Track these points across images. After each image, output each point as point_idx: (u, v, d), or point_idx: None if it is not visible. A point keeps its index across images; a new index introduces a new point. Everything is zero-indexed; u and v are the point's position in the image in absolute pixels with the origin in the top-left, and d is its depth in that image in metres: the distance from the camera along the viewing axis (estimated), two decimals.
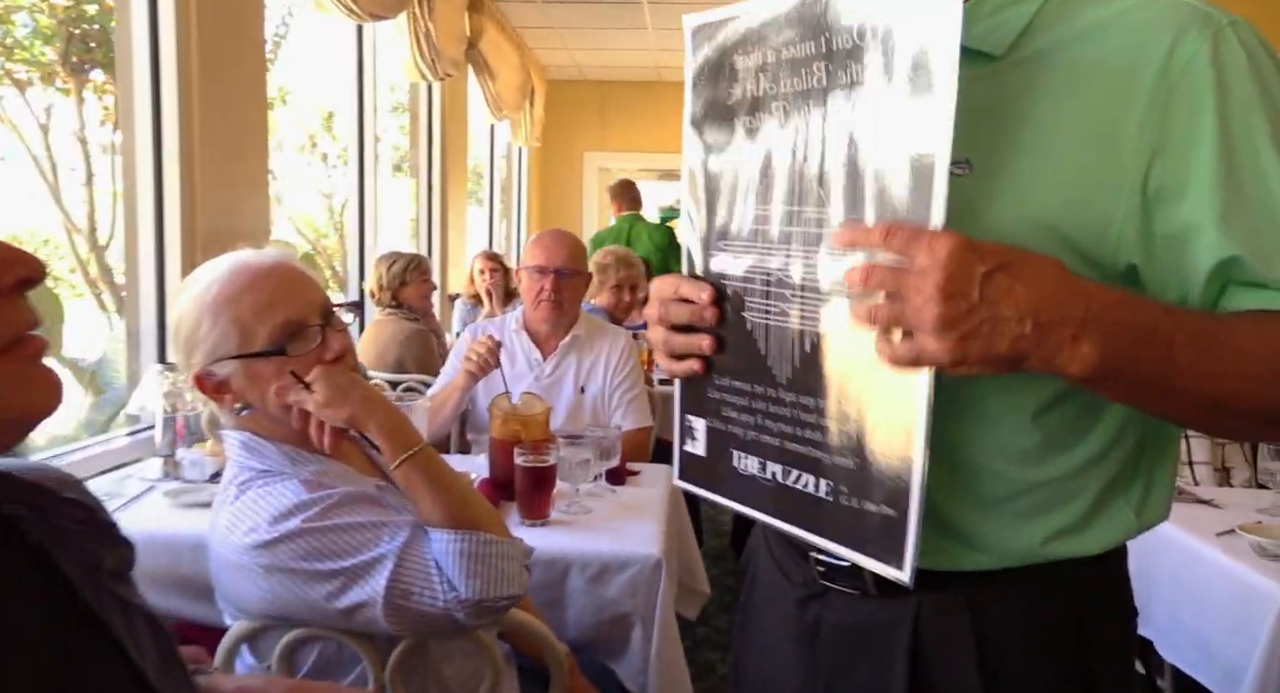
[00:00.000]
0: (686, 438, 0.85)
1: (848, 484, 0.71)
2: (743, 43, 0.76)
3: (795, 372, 0.73)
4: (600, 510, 1.81)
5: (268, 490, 1.04)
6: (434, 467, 1.10)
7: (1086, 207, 0.69)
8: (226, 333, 1.06)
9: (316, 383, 1.07)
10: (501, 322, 2.50)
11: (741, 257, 0.77)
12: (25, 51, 3.54)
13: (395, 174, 6.04)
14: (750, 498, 0.80)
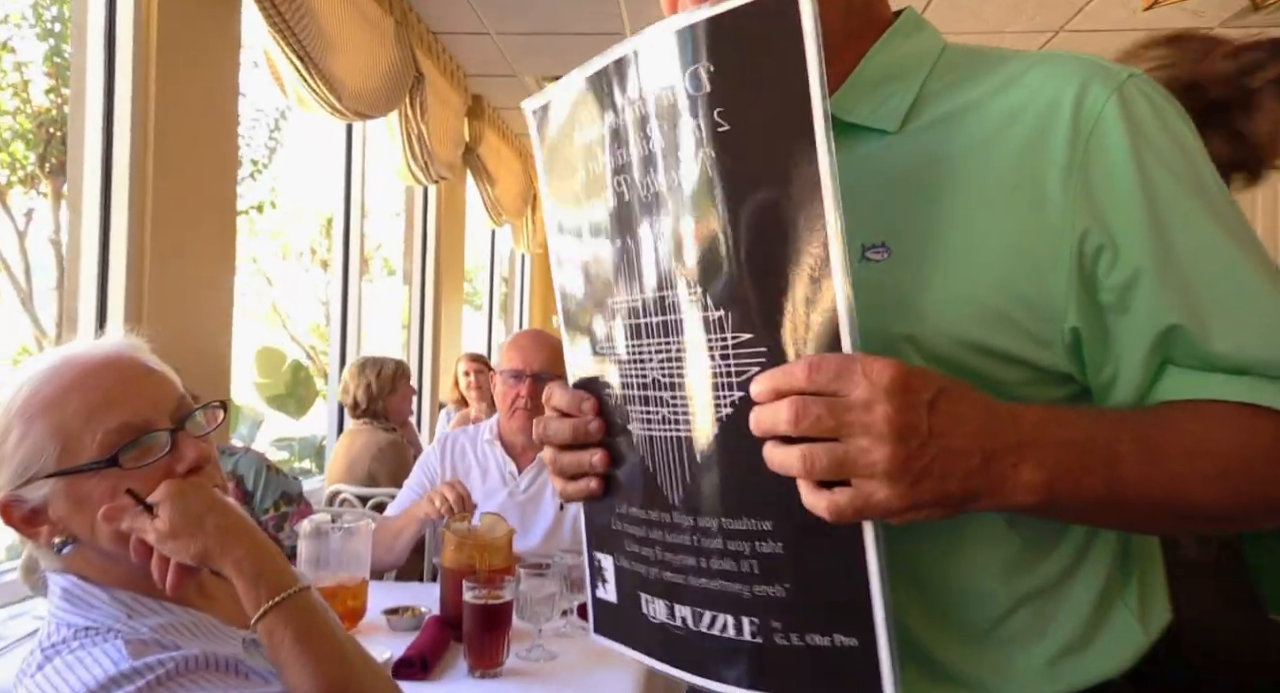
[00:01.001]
0: (597, 582, 0.72)
1: (780, 619, 0.57)
2: (578, 114, 0.66)
3: (688, 489, 0.61)
4: (567, 656, 1.53)
5: (79, 657, 0.79)
6: (308, 620, 0.85)
7: (1024, 278, 0.62)
8: (42, 444, 0.83)
9: (162, 505, 0.83)
10: (475, 430, 2.27)
11: (615, 357, 0.66)
12: (7, 154, 3.48)
13: (390, 278, 5.95)
14: (666, 652, 0.65)
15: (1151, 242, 0.60)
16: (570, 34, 3.89)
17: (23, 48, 3.39)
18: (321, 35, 2.72)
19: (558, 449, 0.69)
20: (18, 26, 3.36)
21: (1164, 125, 0.63)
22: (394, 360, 3.12)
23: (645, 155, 0.60)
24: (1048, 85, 0.63)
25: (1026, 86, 0.64)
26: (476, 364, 3.86)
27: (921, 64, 0.68)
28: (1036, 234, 0.61)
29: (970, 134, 0.64)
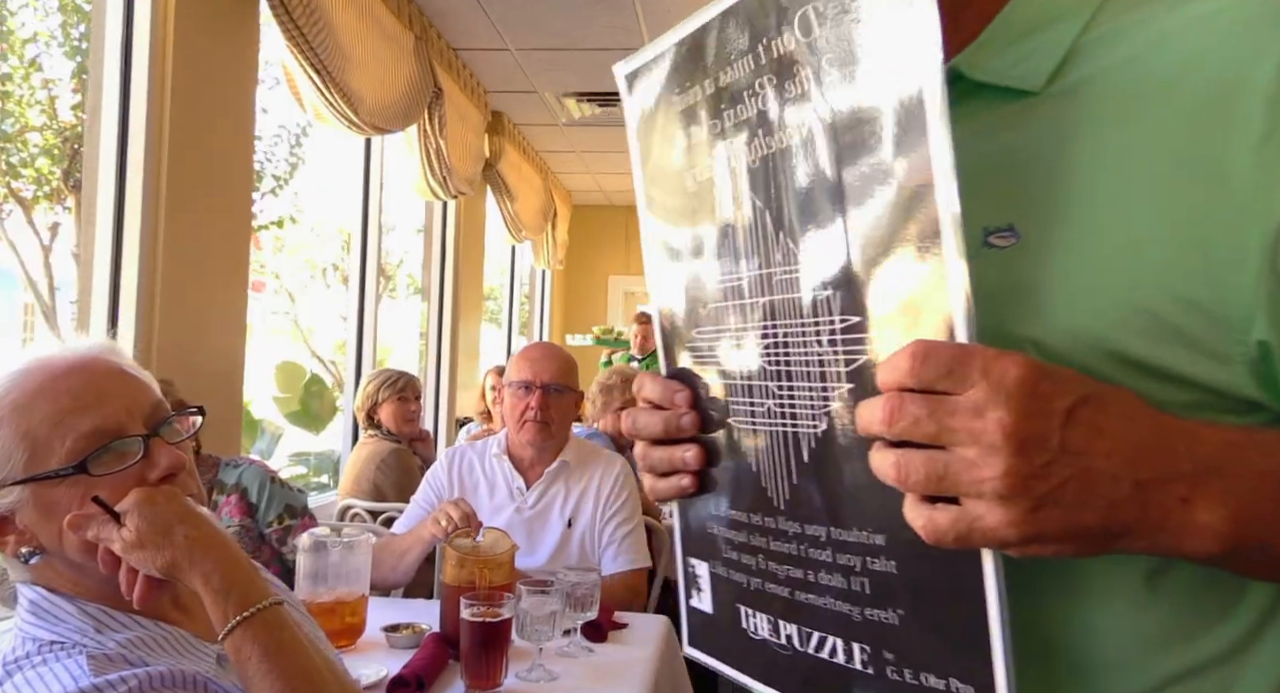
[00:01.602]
0: (691, 590, 0.65)
1: (893, 649, 0.49)
2: (677, 77, 0.59)
3: (794, 493, 0.54)
4: (570, 677, 1.48)
5: (39, 674, 0.76)
6: (276, 637, 0.81)
7: (1194, 275, 0.48)
8: (9, 450, 0.81)
9: (130, 514, 0.80)
10: (484, 445, 2.24)
11: (715, 344, 0.59)
12: (33, 169, 3.53)
13: (413, 294, 5.97)
14: (769, 673, 0.58)
15: None
16: (589, 50, 3.90)
17: (50, 65, 3.44)
18: (340, 50, 2.73)
19: (648, 444, 0.62)
20: (46, 45, 3.42)
21: None
22: (398, 373, 3.09)
23: (751, 117, 0.54)
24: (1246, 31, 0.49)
25: (1217, 32, 0.50)
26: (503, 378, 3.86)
27: (1082, 6, 0.56)
28: (1215, 220, 0.48)
29: (1133, 92, 0.52)
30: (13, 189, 3.62)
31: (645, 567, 2.13)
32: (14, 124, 3.52)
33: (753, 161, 0.54)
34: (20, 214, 3.81)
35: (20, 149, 3.55)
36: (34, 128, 3.59)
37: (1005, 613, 0.44)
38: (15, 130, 3.53)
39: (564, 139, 5.36)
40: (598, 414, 3.02)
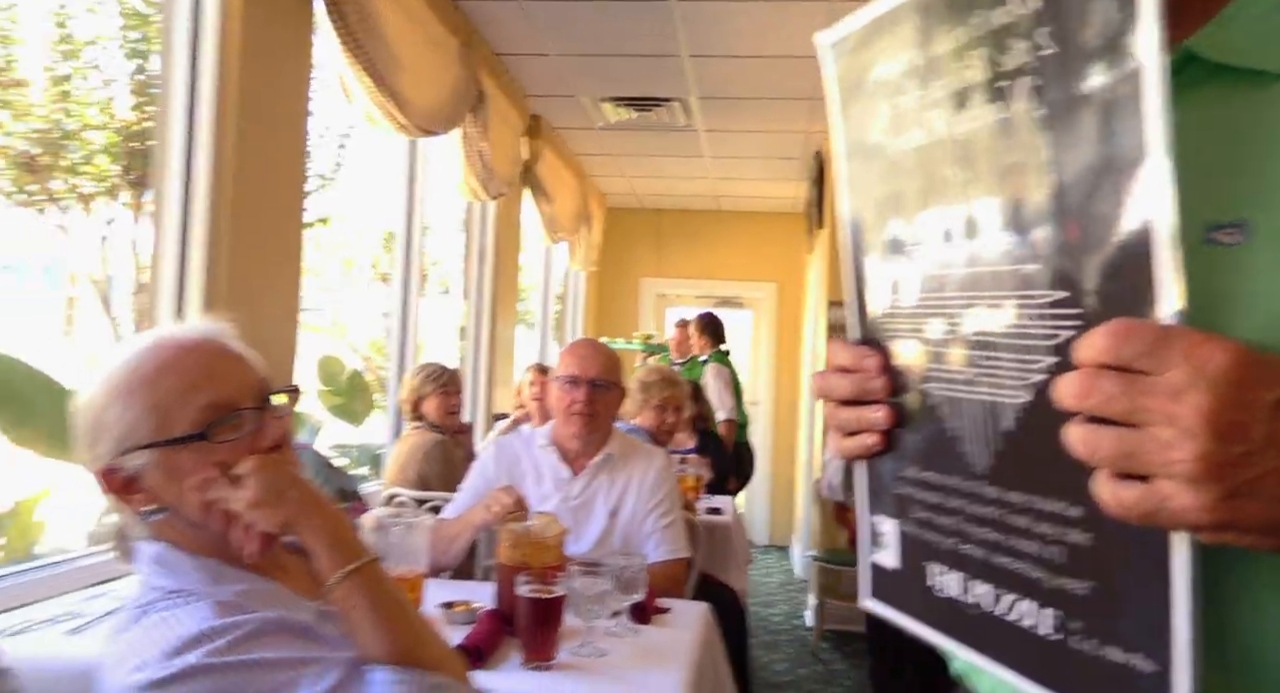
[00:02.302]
0: (875, 546, 0.66)
1: (1079, 619, 0.50)
2: (884, 46, 0.60)
3: (996, 459, 0.55)
4: (618, 654, 1.55)
5: (167, 617, 0.84)
6: (380, 588, 0.90)
7: None
8: (140, 418, 0.89)
9: (247, 478, 0.88)
10: (529, 435, 2.31)
11: (915, 312, 0.61)
12: (93, 166, 3.66)
13: (445, 294, 6.07)
14: (952, 628, 0.59)
15: None
16: (629, 56, 3.97)
17: (107, 66, 3.57)
18: (390, 55, 2.82)
19: (836, 404, 0.65)
20: (105, 47, 3.54)
21: None
22: (442, 367, 3.18)
23: (963, 87, 0.54)
24: None
25: None
26: (542, 375, 3.94)
27: None
28: None
29: None
30: (73, 186, 3.73)
31: (685, 557, 2.20)
32: (75, 123, 3.64)
33: (964, 132, 0.55)
34: (70, 209, 3.92)
35: (80, 147, 3.67)
36: (93, 126, 3.71)
37: (1194, 597, 0.44)
38: (75, 129, 3.65)
39: (600, 143, 5.44)
40: (637, 410, 3.09)
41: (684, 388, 3.22)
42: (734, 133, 5.13)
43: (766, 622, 4.76)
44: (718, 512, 3.27)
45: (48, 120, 3.37)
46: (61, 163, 3.55)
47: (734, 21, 3.53)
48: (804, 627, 4.70)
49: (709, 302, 7.38)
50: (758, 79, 4.19)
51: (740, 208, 7.13)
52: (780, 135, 5.14)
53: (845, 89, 0.64)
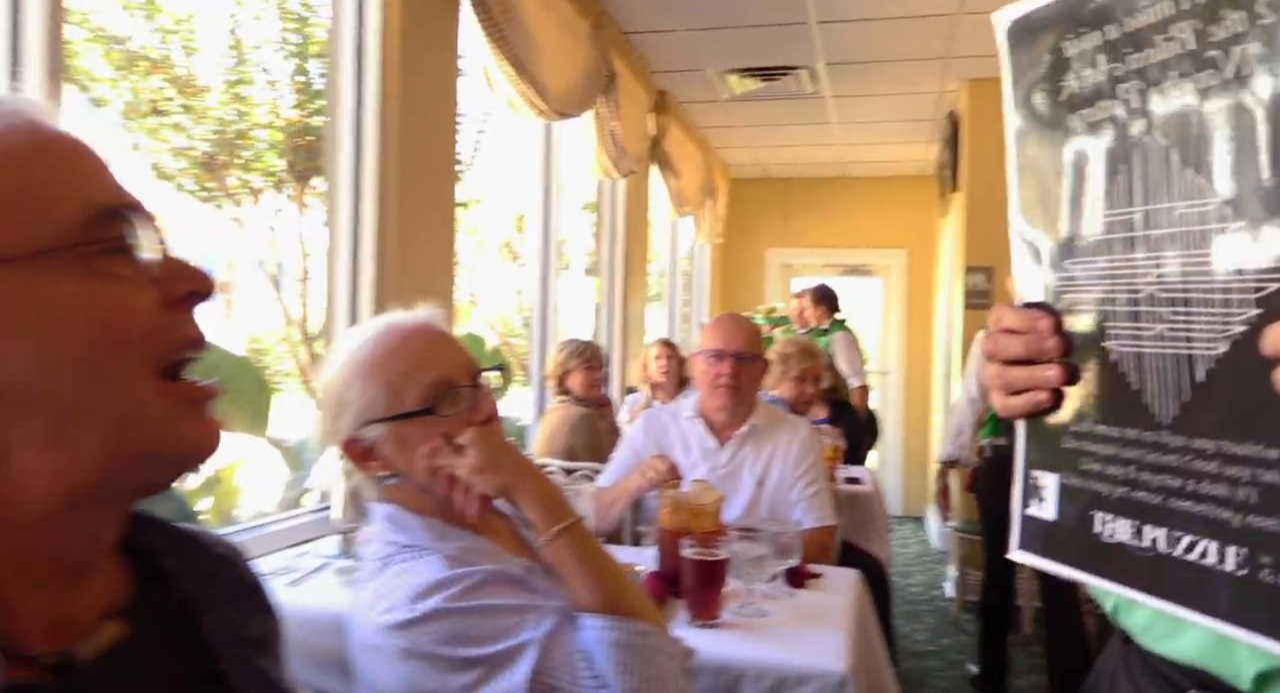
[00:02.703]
0: (1031, 500, 0.71)
1: (1271, 554, 0.53)
2: (1071, 24, 0.64)
3: (1184, 409, 0.58)
4: (777, 615, 1.62)
5: (409, 566, 0.97)
6: (588, 545, 1.00)
7: None
8: (376, 395, 1.02)
9: (469, 447, 1.00)
10: (676, 407, 2.40)
11: (1094, 273, 0.65)
12: (261, 163, 3.96)
13: (587, 275, 6.25)
14: (1117, 572, 0.63)
15: None
16: (755, 27, 3.96)
17: (272, 68, 3.83)
18: (530, 42, 2.93)
19: (1003, 365, 0.69)
20: (269, 50, 3.80)
21: None
22: (586, 343, 3.32)
23: (1166, 58, 0.58)
24: None
25: None
26: (667, 349, 4.02)
27: None
28: None
29: None
30: (244, 182, 4.03)
31: (832, 524, 2.24)
32: (246, 123, 3.92)
33: (1163, 102, 0.58)
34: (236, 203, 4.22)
35: (250, 145, 3.96)
36: (261, 125, 3.98)
37: None
38: (246, 127, 3.93)
39: (725, 114, 5.44)
40: (776, 382, 3.14)
41: (822, 359, 3.24)
42: (862, 97, 5.03)
43: (905, 592, 4.73)
44: (856, 481, 3.28)
45: (223, 122, 3.67)
46: (235, 161, 3.85)
47: None
48: (943, 597, 4.65)
49: (836, 270, 7.29)
50: (888, 41, 4.10)
51: (868, 173, 6.98)
52: (911, 97, 5.01)
53: (1022, 64, 0.68)
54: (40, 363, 0.48)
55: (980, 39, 3.98)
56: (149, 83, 3.38)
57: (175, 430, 0.53)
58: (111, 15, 3.34)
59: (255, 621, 0.66)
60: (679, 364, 3.97)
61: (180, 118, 3.53)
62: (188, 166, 3.59)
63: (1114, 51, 0.61)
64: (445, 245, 2.77)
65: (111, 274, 0.51)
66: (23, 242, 0.48)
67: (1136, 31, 0.59)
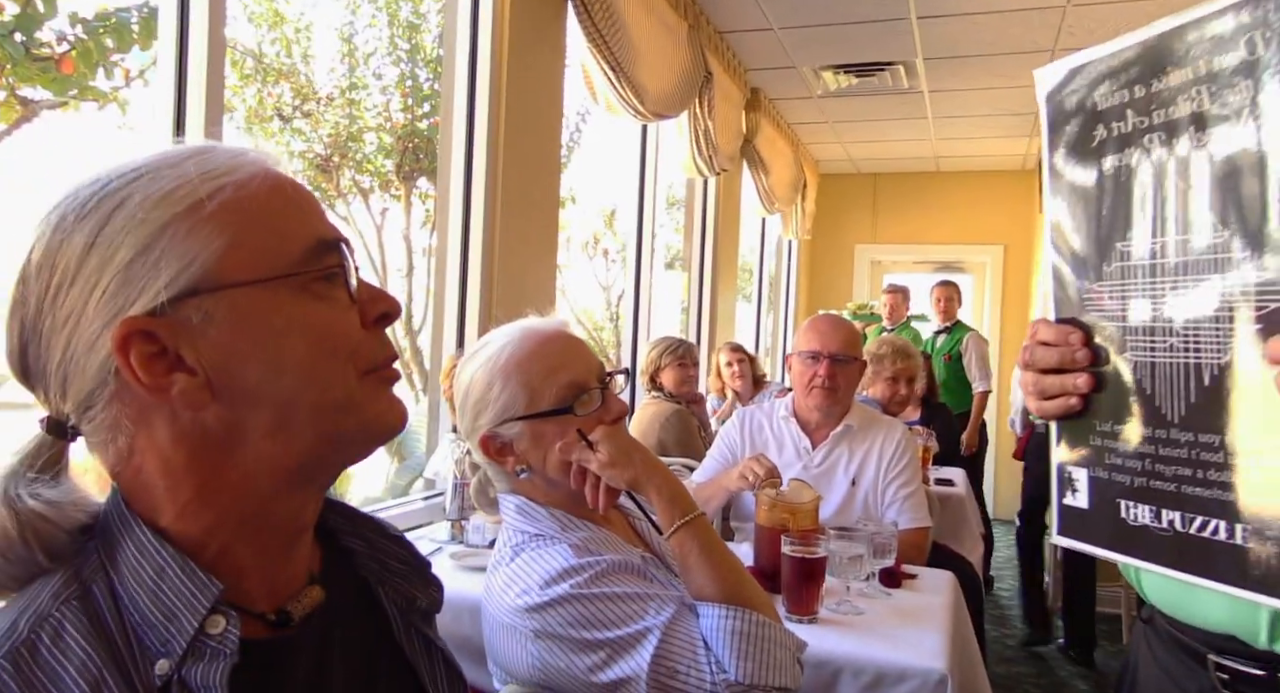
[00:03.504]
0: (1066, 491, 0.83)
1: (1271, 526, 0.65)
2: (1101, 83, 0.76)
3: (1190, 408, 0.71)
4: (874, 613, 1.65)
5: (540, 554, 1.05)
6: (709, 537, 1.07)
7: None
8: (515, 395, 1.10)
9: (601, 444, 1.07)
10: (771, 407, 2.44)
11: (1118, 295, 0.76)
12: (370, 164, 4.14)
13: (667, 269, 6.31)
14: (1143, 551, 0.75)
15: None
16: (852, 23, 3.94)
17: (384, 74, 4.00)
18: (630, 45, 3.00)
19: (1039, 373, 0.80)
20: (381, 57, 3.97)
21: None
22: (678, 340, 3.38)
23: (1184, 116, 0.69)
24: None
25: None
26: (737, 353, 4.04)
27: None
28: None
29: None
30: (355, 181, 4.21)
31: (927, 526, 2.25)
32: (357, 127, 4.09)
33: (1181, 151, 0.69)
34: (353, 201, 4.40)
35: (360, 146, 4.14)
36: (370, 128, 4.16)
37: None
38: (357, 131, 4.11)
39: (816, 110, 5.42)
40: (869, 382, 3.14)
41: (917, 360, 3.22)
42: (960, 91, 4.95)
43: (996, 596, 4.66)
44: (950, 483, 3.26)
45: (336, 127, 3.85)
46: (347, 162, 4.04)
47: None
48: None
49: (927, 267, 7.16)
50: (988, 35, 4.03)
51: (961, 168, 6.84)
52: (1009, 91, 4.90)
53: (1057, 117, 0.80)
54: (271, 367, 0.58)
55: (1088, 30, 3.87)
56: (273, 89, 3.58)
57: (374, 410, 0.62)
58: (239, 25, 3.54)
59: (423, 593, 0.75)
60: (751, 365, 3.99)
61: (300, 122, 3.72)
62: (304, 168, 3.79)
63: (1141, 107, 0.72)
64: (548, 243, 2.87)
65: (327, 297, 0.60)
66: (264, 267, 0.58)
67: (1160, 91, 0.71)
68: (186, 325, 0.56)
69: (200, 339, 0.56)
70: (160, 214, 0.56)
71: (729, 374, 4.00)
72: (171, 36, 1.74)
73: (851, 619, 1.61)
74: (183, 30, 1.75)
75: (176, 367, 0.56)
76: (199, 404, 0.57)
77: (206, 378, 0.57)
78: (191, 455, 0.58)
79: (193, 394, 0.56)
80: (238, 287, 0.57)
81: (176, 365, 0.56)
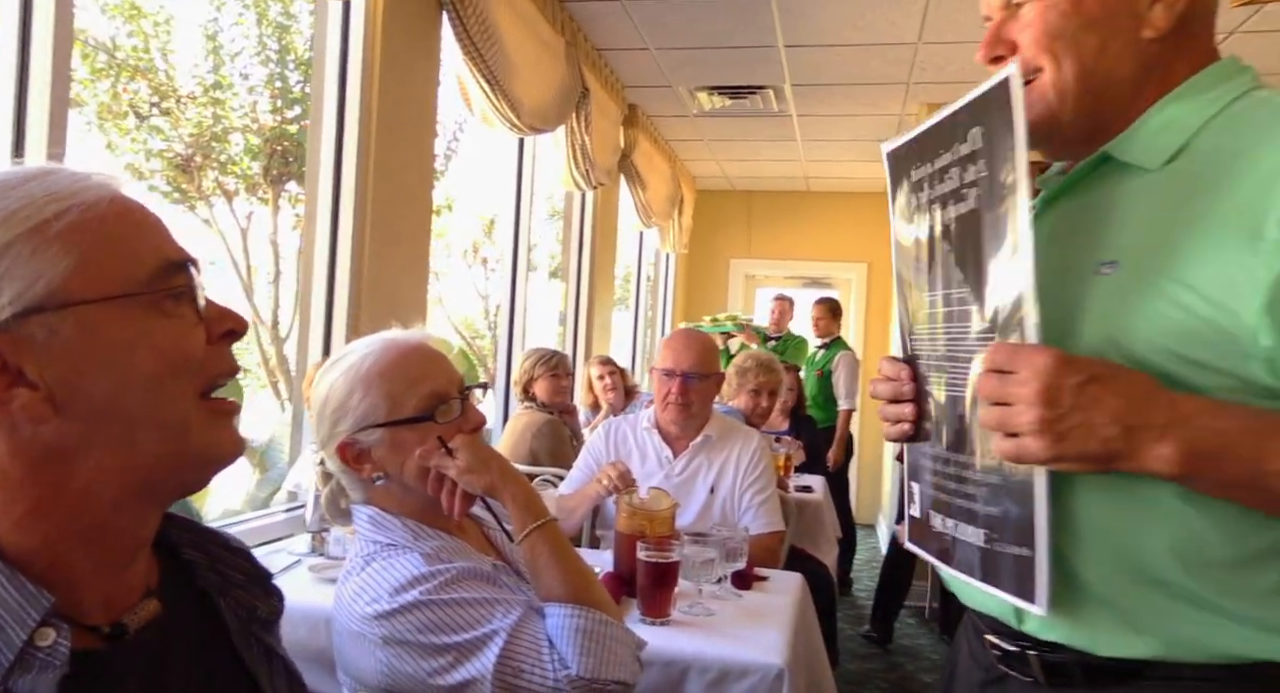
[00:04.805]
0: (909, 503, 0.98)
1: (998, 531, 0.81)
2: (913, 158, 0.92)
3: (953, 435, 0.85)
4: (723, 614, 1.75)
5: (390, 562, 1.08)
6: (559, 542, 1.13)
7: (1225, 302, 0.71)
8: (377, 403, 1.13)
9: (460, 451, 1.12)
10: (635, 418, 2.52)
11: (922, 337, 0.92)
12: (236, 166, 4.01)
13: (552, 278, 6.34)
14: (940, 553, 0.91)
15: None
16: (725, 48, 4.10)
17: (251, 73, 3.89)
18: (506, 58, 3.04)
19: (884, 402, 0.94)
20: (249, 56, 3.86)
21: None
22: (552, 351, 3.42)
23: (947, 191, 0.85)
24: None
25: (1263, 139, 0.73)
26: (607, 366, 4.11)
27: (1201, 115, 0.79)
28: (1244, 265, 0.70)
29: (1224, 174, 0.74)
30: (219, 182, 4.08)
31: (780, 530, 2.37)
32: (221, 127, 3.97)
33: (944, 221, 0.86)
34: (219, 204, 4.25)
35: (226, 147, 4.00)
36: (237, 128, 4.03)
37: (1048, 508, 0.75)
38: (222, 131, 3.98)
39: (693, 129, 5.58)
40: (733, 394, 3.27)
41: (779, 374, 3.37)
42: (826, 117, 5.20)
43: (854, 596, 4.90)
44: (809, 490, 3.43)
45: (200, 126, 3.72)
46: (210, 163, 3.90)
47: (829, 11, 3.62)
48: None
49: (798, 282, 7.46)
50: (849, 66, 4.27)
51: (830, 188, 7.17)
52: (871, 119, 5.19)
53: (891, 184, 0.96)
54: (117, 383, 0.60)
55: (937, 67, 4.16)
56: (129, 85, 3.43)
57: (211, 437, 0.65)
58: (91, 17, 3.38)
59: (264, 603, 0.77)
60: (623, 377, 4.06)
61: (159, 120, 3.58)
62: (163, 167, 3.63)
63: (930, 181, 0.89)
64: (420, 251, 2.86)
65: (175, 314, 0.63)
66: (112, 286, 0.60)
67: (940, 169, 0.87)
68: (30, 341, 0.57)
69: (45, 355, 0.58)
70: (3, 234, 0.58)
71: (600, 388, 4.06)
72: (13, 23, 1.67)
73: (702, 620, 1.70)
74: (25, 17, 1.68)
75: (18, 381, 0.58)
76: (40, 418, 0.58)
77: (49, 393, 0.58)
78: (29, 468, 0.59)
79: (34, 408, 0.58)
80: (85, 304, 0.59)
81: (18, 380, 0.58)
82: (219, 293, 0.71)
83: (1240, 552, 0.74)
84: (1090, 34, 0.82)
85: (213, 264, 4.64)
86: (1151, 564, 0.77)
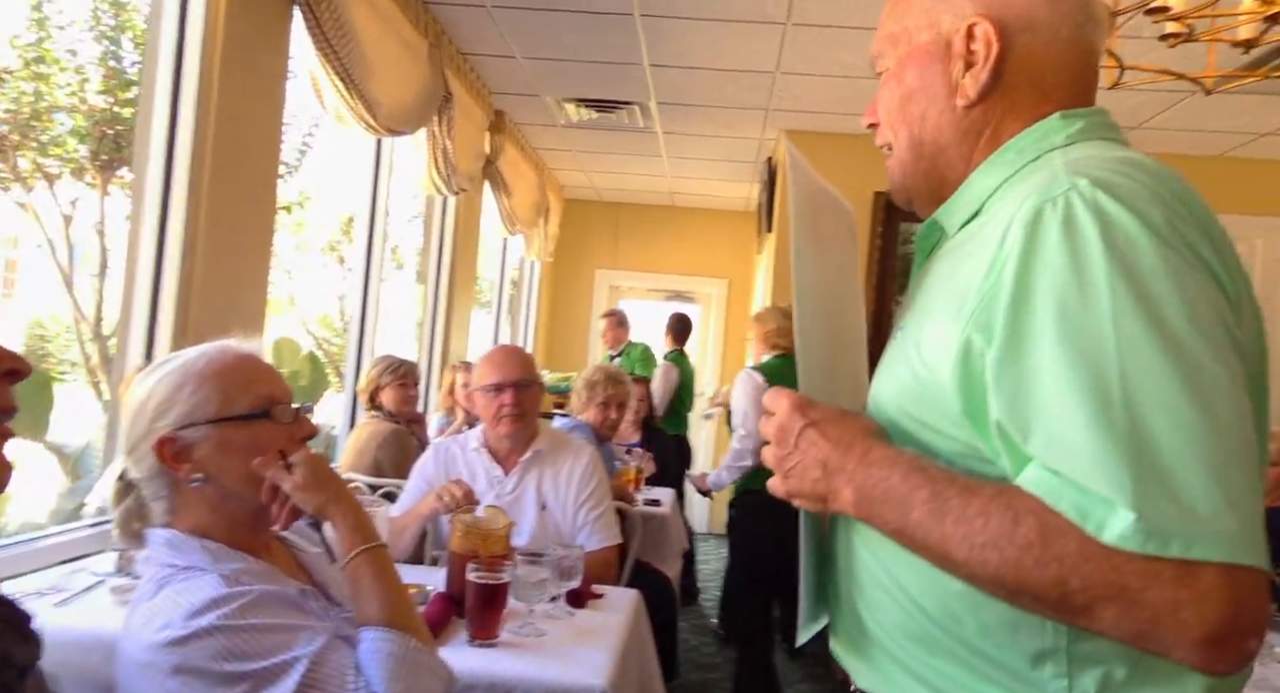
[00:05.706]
0: None
1: None
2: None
3: None
4: (554, 634, 1.75)
5: (185, 586, 1.03)
6: (384, 567, 1.13)
7: (940, 365, 0.75)
8: (209, 397, 1.09)
9: (299, 467, 1.09)
10: (463, 439, 2.48)
11: None
12: (59, 148, 3.71)
13: (399, 271, 6.17)
14: None
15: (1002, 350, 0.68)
16: (592, 62, 4.13)
17: (81, 50, 3.62)
18: (362, 57, 2.95)
19: None
20: (79, 31, 3.59)
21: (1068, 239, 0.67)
22: (400, 360, 3.33)
23: None
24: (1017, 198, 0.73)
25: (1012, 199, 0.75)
26: (470, 373, 4.04)
27: (997, 179, 0.81)
28: (949, 329, 0.73)
29: (970, 243, 0.78)
30: (39, 165, 3.78)
31: (616, 543, 2.39)
32: (44, 104, 3.68)
33: None
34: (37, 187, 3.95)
35: (48, 128, 3.71)
36: (61, 108, 3.75)
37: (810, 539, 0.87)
38: (44, 108, 3.69)
39: (560, 138, 5.59)
40: (582, 407, 3.28)
41: (627, 386, 3.41)
42: (690, 136, 5.32)
43: (700, 606, 5.00)
44: (656, 503, 3.48)
45: (18, 101, 3.42)
46: (29, 143, 3.61)
47: (692, 35, 3.70)
48: None
49: (661, 295, 7.58)
50: (710, 89, 4.38)
51: (694, 205, 7.33)
52: (733, 141, 5.35)
53: None
54: None
55: (794, 96, 4.33)
56: None
57: None
58: None
59: (20, 650, 0.72)
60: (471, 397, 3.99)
61: None
62: None
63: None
64: (261, 253, 2.72)
65: None
66: None
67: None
68: None
69: None
70: None
71: (463, 394, 3.99)
72: None
73: (531, 641, 1.69)
74: None
75: None
76: None
77: None
78: None
79: None
80: None
81: None
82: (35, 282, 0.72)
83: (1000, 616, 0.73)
84: (913, 106, 0.86)
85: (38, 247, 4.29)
86: (923, 618, 0.77)
